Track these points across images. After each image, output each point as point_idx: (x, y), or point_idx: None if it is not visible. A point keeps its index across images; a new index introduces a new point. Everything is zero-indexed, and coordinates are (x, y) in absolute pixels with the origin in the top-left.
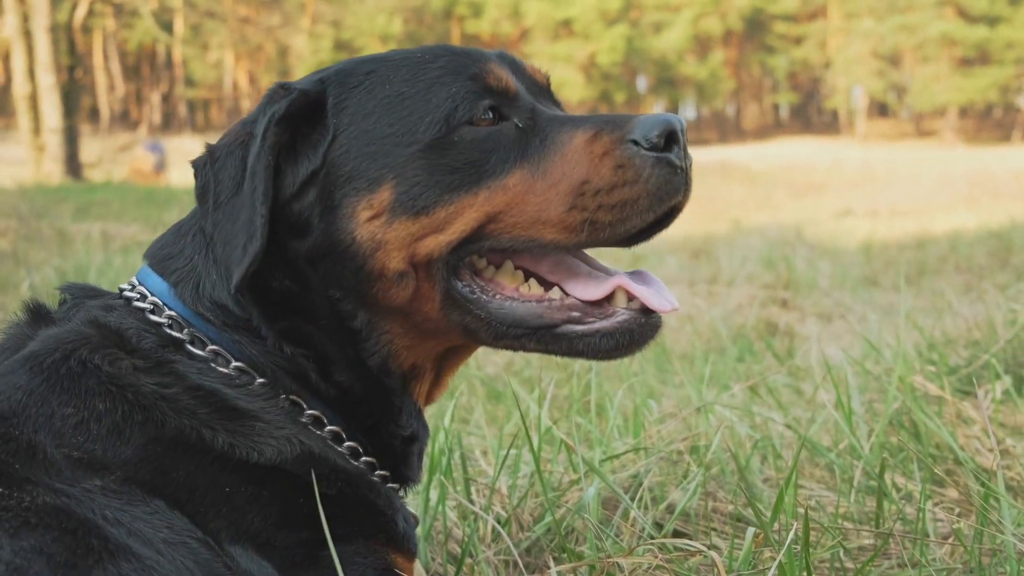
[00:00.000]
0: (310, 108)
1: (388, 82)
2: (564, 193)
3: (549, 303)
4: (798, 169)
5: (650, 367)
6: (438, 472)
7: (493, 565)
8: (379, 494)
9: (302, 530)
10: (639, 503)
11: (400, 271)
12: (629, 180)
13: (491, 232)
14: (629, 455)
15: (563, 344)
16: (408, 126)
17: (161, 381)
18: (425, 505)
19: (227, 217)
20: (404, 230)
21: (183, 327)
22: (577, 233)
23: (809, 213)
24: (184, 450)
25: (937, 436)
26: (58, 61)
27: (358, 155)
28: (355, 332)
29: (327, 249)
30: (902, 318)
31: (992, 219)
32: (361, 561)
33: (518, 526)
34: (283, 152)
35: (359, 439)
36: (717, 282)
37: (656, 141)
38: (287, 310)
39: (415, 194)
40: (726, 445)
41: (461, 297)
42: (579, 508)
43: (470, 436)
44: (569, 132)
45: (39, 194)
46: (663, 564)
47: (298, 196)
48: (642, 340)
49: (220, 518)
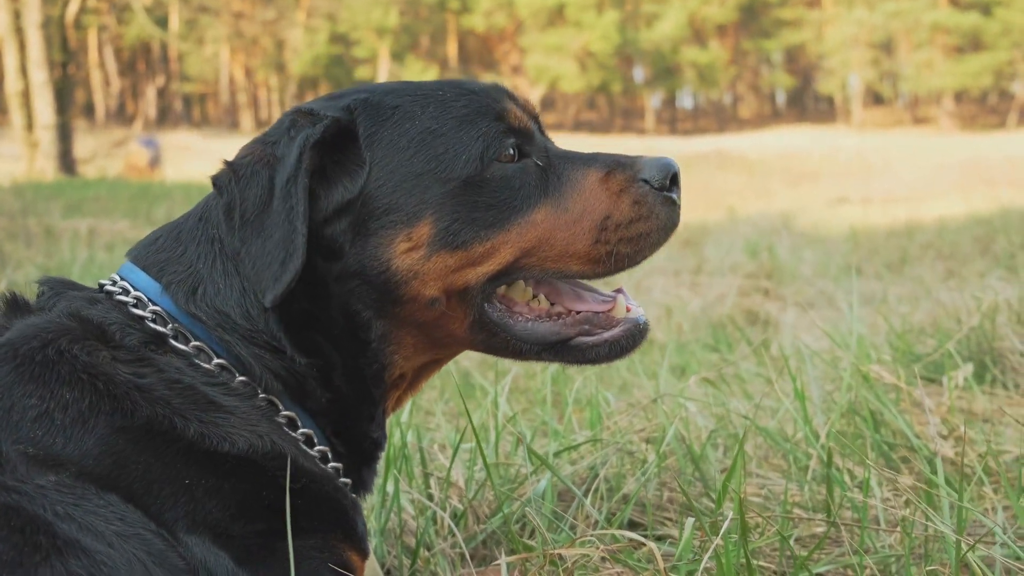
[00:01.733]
0: (342, 136)
1: (416, 118)
2: (589, 228)
3: (564, 320)
4: (794, 157)
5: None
6: (393, 467)
7: (449, 558)
8: (344, 495)
9: (260, 522)
10: (595, 494)
11: (434, 298)
12: (644, 215)
13: (524, 265)
14: (587, 447)
15: (576, 355)
16: (444, 164)
17: (137, 371)
18: (382, 499)
19: (256, 234)
20: (442, 263)
21: (167, 322)
22: (602, 264)
23: (804, 201)
24: (151, 439)
25: (894, 424)
26: (51, 57)
27: (395, 189)
28: (366, 343)
29: (356, 272)
30: (874, 307)
31: (982, 206)
32: (317, 555)
33: (475, 518)
34: (315, 176)
35: (331, 443)
36: (701, 272)
37: (663, 182)
38: (305, 322)
39: (455, 230)
40: (681, 435)
41: (491, 321)
42: (529, 501)
43: (434, 431)
44: (583, 170)
45: (31, 191)
46: (604, 555)
47: (331, 221)
48: (635, 344)
49: (178, 507)
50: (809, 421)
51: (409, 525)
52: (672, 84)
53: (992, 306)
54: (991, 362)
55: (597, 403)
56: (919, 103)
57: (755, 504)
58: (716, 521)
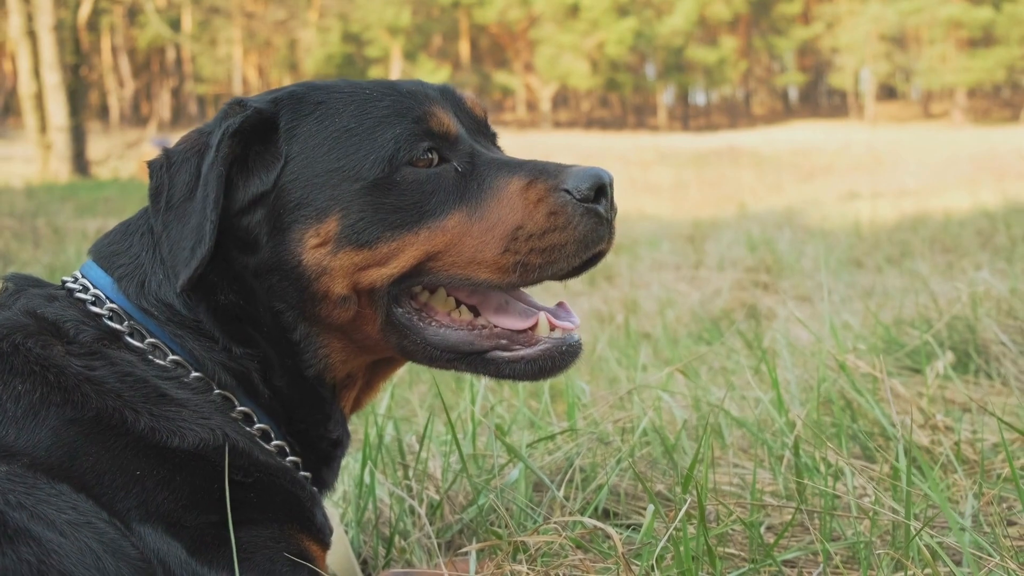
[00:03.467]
0: (263, 127)
1: (337, 115)
2: (499, 237)
3: (479, 331)
4: (806, 153)
5: (614, 351)
6: (369, 459)
7: (425, 547)
8: (301, 488)
9: (213, 513)
10: (570, 484)
11: (343, 295)
12: (560, 226)
13: (430, 269)
14: (563, 438)
15: (491, 368)
16: (354, 163)
17: (89, 364)
18: (359, 490)
19: (177, 219)
20: (348, 260)
21: (123, 319)
22: (509, 274)
23: (815, 196)
24: (101, 431)
25: (872, 413)
26: (63, 60)
27: (307, 184)
28: (295, 343)
29: (274, 267)
30: (872, 300)
31: (989, 199)
32: (273, 545)
33: (451, 509)
34: (236, 165)
35: (287, 440)
36: (702, 266)
37: (587, 193)
38: (236, 316)
39: (360, 228)
40: (654, 425)
41: (400, 323)
42: (501, 490)
43: (416, 423)
44: (506, 178)
45: (44, 192)
46: (566, 542)
47: (247, 211)
48: (562, 365)
49: (129, 498)
50: (786, 411)
51: (385, 515)
52: (684, 81)
53: (973, 297)
54: (975, 352)
55: (572, 394)
56: (932, 98)
57: (729, 493)
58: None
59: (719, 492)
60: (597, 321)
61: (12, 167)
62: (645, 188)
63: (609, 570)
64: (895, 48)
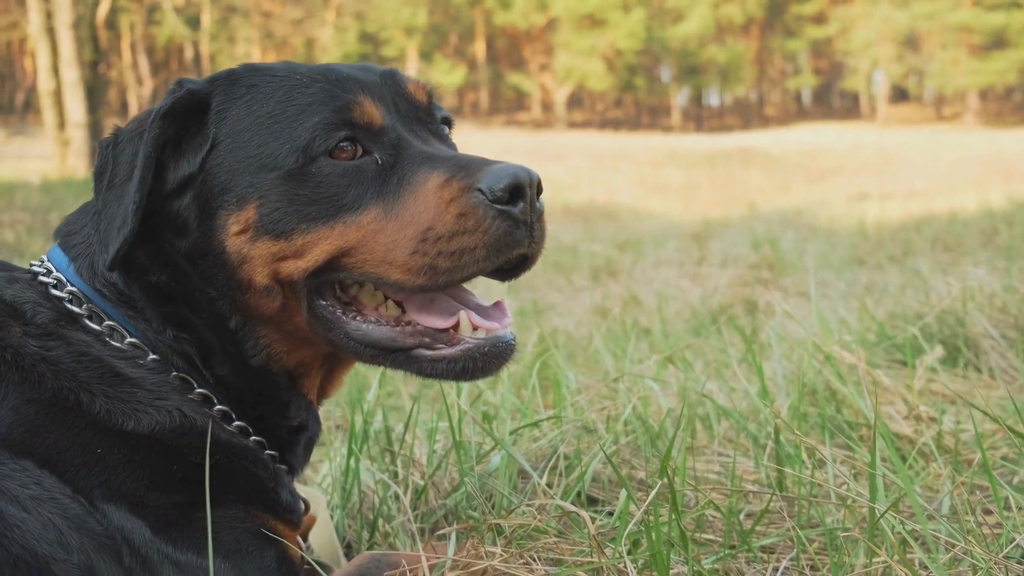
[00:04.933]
0: (195, 108)
1: (265, 100)
2: (410, 237)
3: (403, 328)
4: (818, 154)
5: (609, 344)
6: (354, 444)
7: (408, 531)
8: (264, 467)
9: (176, 493)
10: (553, 471)
11: (266, 285)
12: (469, 229)
13: (344, 265)
14: (549, 426)
15: (415, 366)
16: (273, 150)
17: (45, 344)
18: (346, 474)
19: (115, 199)
20: (266, 249)
21: (82, 302)
22: (418, 275)
23: (824, 197)
24: (59, 411)
25: (857, 404)
26: (82, 57)
27: (231, 169)
28: (233, 332)
29: (203, 252)
30: (871, 296)
31: (995, 200)
32: (238, 525)
33: (435, 494)
34: (169, 147)
35: (247, 420)
36: (705, 263)
37: (500, 194)
38: (169, 297)
39: (276, 218)
40: (638, 413)
41: (323, 316)
42: (483, 476)
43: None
44: (425, 173)
45: (61, 188)
46: (540, 525)
47: (177, 194)
48: (487, 368)
49: (92, 477)
50: (771, 400)
51: (371, 500)
52: (698, 82)
53: (964, 292)
54: (964, 346)
55: (559, 383)
56: (945, 100)
57: (712, 481)
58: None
59: (702, 480)
60: (598, 316)
61: (30, 163)
62: (655, 188)
63: (584, 553)
64: (907, 51)
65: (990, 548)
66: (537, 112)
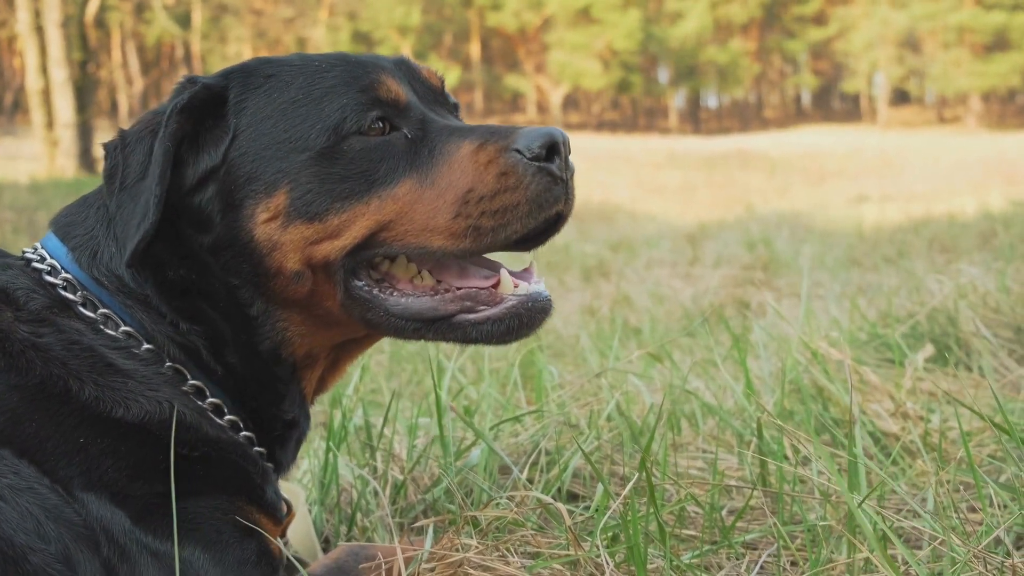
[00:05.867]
0: (212, 102)
1: (287, 87)
2: (450, 202)
3: (443, 296)
4: (818, 156)
5: (597, 343)
6: (332, 440)
7: (387, 526)
8: (253, 463)
9: (159, 483)
10: (535, 467)
11: (297, 271)
12: (511, 187)
13: (384, 239)
14: (531, 421)
15: (459, 333)
16: (301, 133)
17: (36, 331)
18: (325, 469)
19: (131, 199)
20: (299, 234)
21: (77, 289)
22: (462, 239)
23: (824, 199)
24: (45, 398)
25: (844, 401)
26: (70, 56)
27: (256, 158)
28: (252, 319)
29: (228, 243)
30: (866, 297)
31: (995, 202)
32: (221, 516)
33: (415, 489)
34: (186, 143)
35: (241, 415)
36: (698, 263)
37: (539, 152)
38: (185, 291)
39: (308, 200)
40: (621, 409)
41: (360, 296)
42: (461, 470)
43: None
44: (456, 142)
45: (49, 188)
46: (517, 517)
47: (198, 189)
48: (531, 323)
49: (72, 466)
50: (756, 395)
51: (350, 495)
52: (696, 83)
53: (956, 291)
54: (956, 345)
55: (541, 377)
56: (946, 103)
57: (696, 477)
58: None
59: (685, 476)
60: (588, 315)
61: (19, 164)
62: (653, 190)
63: (560, 545)
64: (908, 52)
65: (968, 541)
66: (533, 114)
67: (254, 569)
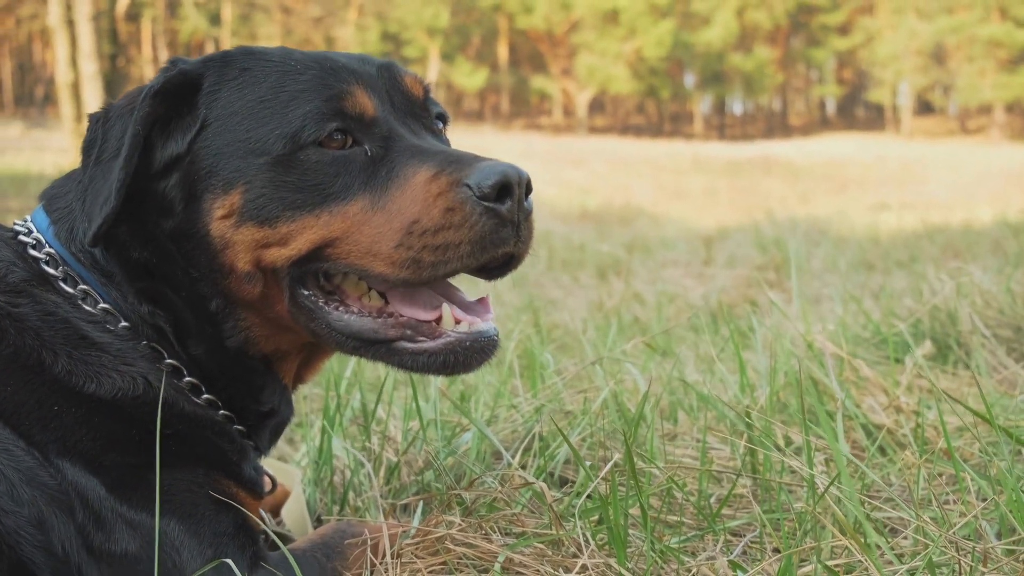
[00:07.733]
0: (186, 89)
1: (258, 84)
2: (396, 229)
3: (385, 320)
4: (840, 165)
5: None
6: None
7: (380, 506)
8: (230, 440)
9: (133, 455)
10: (528, 452)
11: (248, 272)
12: (455, 224)
13: (329, 255)
14: (527, 407)
15: (395, 359)
16: (262, 136)
17: (12, 301)
18: (320, 451)
19: (102, 175)
20: (250, 235)
21: (59, 265)
22: (402, 269)
23: (845, 206)
24: (18, 368)
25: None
26: (100, 50)
27: (218, 153)
28: (213, 314)
29: (187, 233)
30: (870, 299)
31: (1013, 211)
32: (197, 489)
33: (408, 471)
34: (157, 127)
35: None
36: (712, 264)
37: (487, 191)
38: (148, 273)
39: (261, 204)
40: (615, 397)
41: (304, 306)
42: (452, 452)
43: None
44: (415, 167)
45: None
46: (501, 497)
47: (163, 175)
48: (468, 362)
49: (47, 432)
50: (751, 387)
51: (345, 476)
52: (722, 90)
53: (958, 291)
54: (956, 344)
55: (537, 366)
56: (970, 114)
57: (689, 465)
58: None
59: (676, 463)
60: (598, 311)
61: (48, 156)
62: (675, 194)
63: (544, 525)
64: (933, 63)
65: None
66: (559, 116)
67: (231, 541)
